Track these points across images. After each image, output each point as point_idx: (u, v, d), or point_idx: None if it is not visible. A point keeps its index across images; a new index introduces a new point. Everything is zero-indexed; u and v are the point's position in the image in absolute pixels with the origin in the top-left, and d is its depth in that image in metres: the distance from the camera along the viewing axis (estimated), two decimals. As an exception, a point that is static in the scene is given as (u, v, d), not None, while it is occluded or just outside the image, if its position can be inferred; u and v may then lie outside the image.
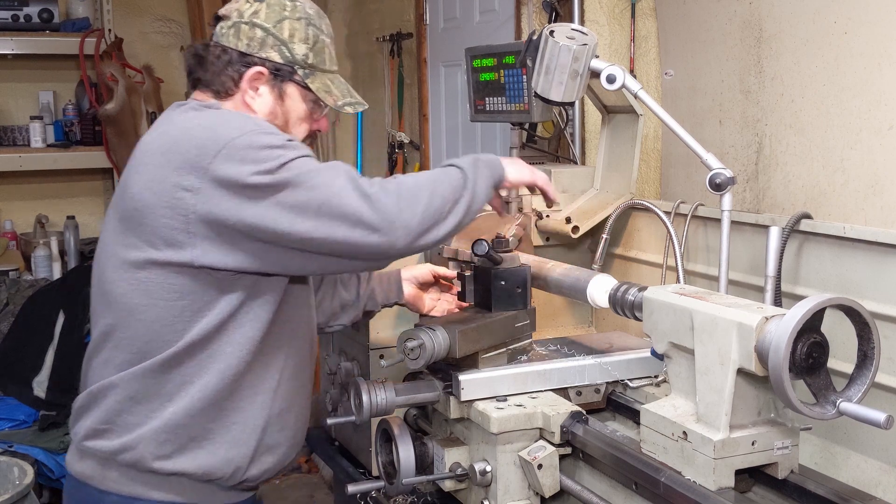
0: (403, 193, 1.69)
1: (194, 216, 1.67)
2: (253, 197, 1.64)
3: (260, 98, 1.87)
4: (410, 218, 1.68)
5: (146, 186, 1.71)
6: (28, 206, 4.70)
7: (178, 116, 1.80)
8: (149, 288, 1.74)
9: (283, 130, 1.84)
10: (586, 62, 2.22)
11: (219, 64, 1.84)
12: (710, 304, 1.67)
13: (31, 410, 3.79)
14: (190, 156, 1.66)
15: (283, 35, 1.86)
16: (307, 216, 1.65)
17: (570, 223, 2.70)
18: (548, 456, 1.89)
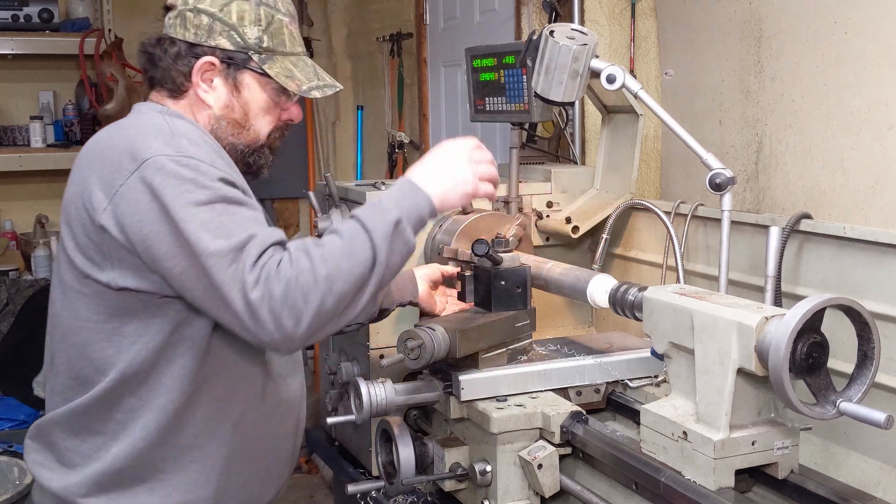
0: (291, 297, 1.47)
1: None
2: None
3: (214, 92, 1.72)
4: (294, 328, 1.49)
5: (70, 197, 1.64)
6: (28, 206, 4.69)
7: (117, 123, 1.71)
8: (76, 307, 1.63)
9: (243, 124, 1.74)
10: (586, 62, 2.22)
11: (167, 58, 1.71)
12: (710, 304, 1.67)
13: (31, 410, 3.78)
14: (105, 172, 1.56)
15: (230, 19, 1.70)
16: (195, 288, 1.52)
17: (570, 223, 2.70)
18: (548, 456, 1.89)
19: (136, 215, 1.51)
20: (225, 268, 1.47)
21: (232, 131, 1.74)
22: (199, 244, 1.47)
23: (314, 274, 1.49)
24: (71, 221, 1.62)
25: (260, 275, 1.47)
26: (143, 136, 1.58)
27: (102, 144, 1.62)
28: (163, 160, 1.52)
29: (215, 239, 1.48)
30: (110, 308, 1.60)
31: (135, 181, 1.51)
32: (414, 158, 4.61)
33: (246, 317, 1.47)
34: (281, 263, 1.49)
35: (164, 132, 1.60)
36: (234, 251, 1.48)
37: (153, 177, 1.51)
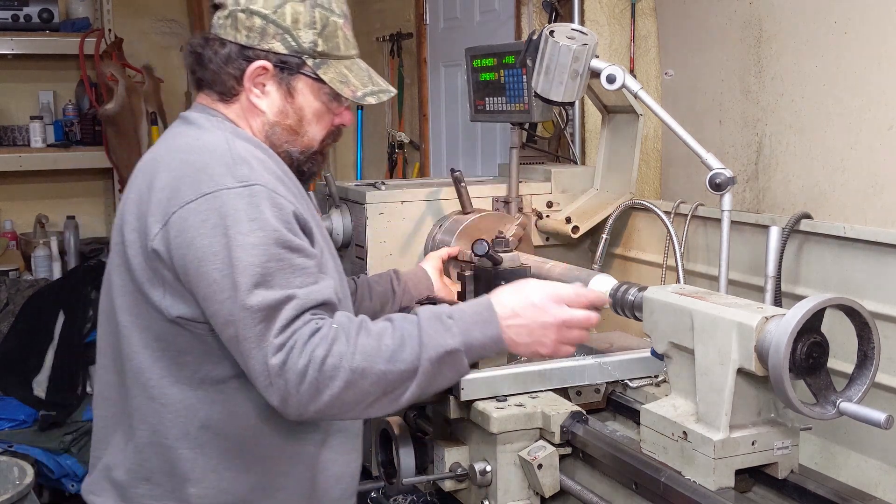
0: (311, 376, 1.42)
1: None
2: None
3: (267, 97, 1.65)
4: (304, 405, 1.44)
5: (128, 210, 1.59)
6: (28, 206, 4.70)
7: (171, 134, 1.66)
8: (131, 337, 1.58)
9: (297, 131, 1.68)
10: (586, 62, 2.22)
11: (218, 60, 1.62)
12: (710, 304, 1.67)
13: (31, 410, 3.79)
14: (162, 196, 1.51)
15: (285, 21, 1.61)
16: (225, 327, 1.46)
17: (570, 223, 2.70)
18: (548, 456, 1.89)
19: (183, 248, 1.46)
20: (253, 325, 1.41)
21: (286, 138, 1.68)
22: (236, 292, 1.42)
23: (348, 362, 1.42)
24: (126, 241, 1.56)
25: (287, 342, 1.42)
26: (204, 162, 1.51)
27: (163, 165, 1.55)
28: (224, 196, 1.46)
29: (254, 289, 1.42)
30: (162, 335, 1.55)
31: (190, 212, 1.46)
32: (414, 158, 4.61)
33: (260, 378, 1.43)
34: (315, 336, 1.43)
35: (226, 158, 1.53)
36: (269, 309, 1.42)
37: (209, 212, 1.45)
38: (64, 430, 3.74)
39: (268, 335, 1.41)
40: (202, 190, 1.47)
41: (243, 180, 1.48)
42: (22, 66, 4.61)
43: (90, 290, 3.96)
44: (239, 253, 1.42)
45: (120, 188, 4.65)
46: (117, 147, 4.46)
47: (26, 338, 3.95)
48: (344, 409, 1.46)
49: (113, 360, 1.63)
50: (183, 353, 1.54)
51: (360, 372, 1.43)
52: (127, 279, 1.55)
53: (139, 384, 1.57)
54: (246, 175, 1.50)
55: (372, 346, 1.45)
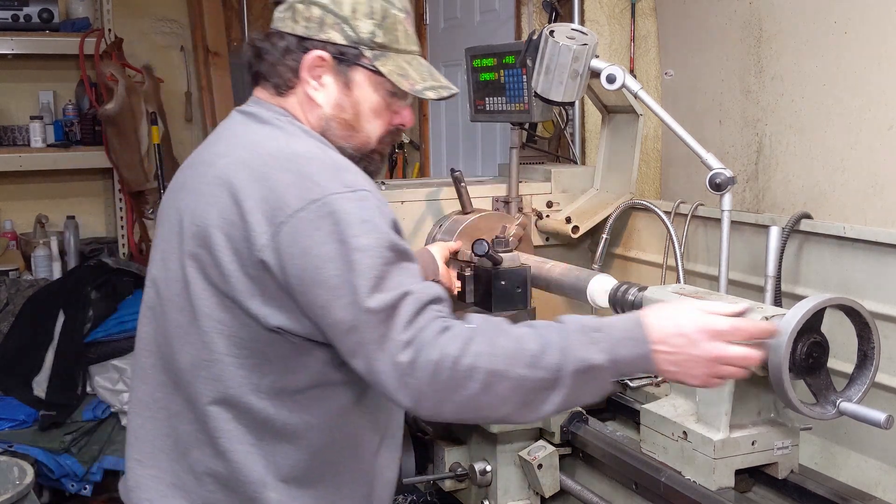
0: (442, 377, 1.36)
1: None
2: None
3: (324, 89, 1.59)
4: (432, 406, 1.39)
5: (205, 216, 1.49)
6: (28, 206, 4.69)
7: (243, 132, 1.58)
8: (213, 340, 1.50)
9: (354, 126, 1.62)
10: (586, 62, 2.22)
11: (275, 52, 1.59)
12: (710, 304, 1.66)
13: (31, 410, 3.78)
14: (265, 206, 1.44)
15: (343, 11, 1.56)
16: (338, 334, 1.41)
17: (570, 223, 2.70)
18: (548, 456, 1.90)
19: (298, 257, 1.41)
20: (376, 325, 1.37)
21: (342, 133, 1.62)
22: (357, 296, 1.38)
23: (485, 363, 1.36)
24: (213, 246, 1.47)
25: (415, 338, 1.37)
26: (306, 169, 1.47)
27: (255, 171, 1.47)
28: (334, 200, 1.42)
29: (373, 293, 1.38)
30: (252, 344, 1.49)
31: (301, 220, 1.41)
32: (414, 158, 4.61)
33: (391, 379, 1.37)
34: (446, 334, 1.38)
35: (328, 164, 1.49)
36: (388, 309, 1.37)
37: (324, 219, 1.41)
38: (64, 430, 3.74)
39: (391, 334, 1.37)
40: (310, 196, 1.42)
41: (350, 186, 1.45)
42: (22, 66, 4.60)
43: (90, 290, 3.96)
44: (356, 256, 1.39)
45: (120, 188, 4.65)
46: (117, 147, 4.46)
47: (26, 338, 3.95)
48: (480, 412, 1.41)
49: (167, 364, 1.56)
50: (268, 362, 1.49)
51: (499, 375, 1.36)
52: (209, 287, 1.48)
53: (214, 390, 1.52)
54: (351, 181, 1.46)
55: (511, 348, 1.38)
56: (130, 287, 4.13)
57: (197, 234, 1.49)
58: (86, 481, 3.75)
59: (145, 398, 1.60)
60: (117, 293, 4.05)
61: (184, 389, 1.53)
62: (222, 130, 1.64)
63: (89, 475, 3.76)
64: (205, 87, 4.81)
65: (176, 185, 1.63)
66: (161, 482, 1.56)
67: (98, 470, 3.77)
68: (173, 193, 1.62)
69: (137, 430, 1.61)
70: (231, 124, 1.63)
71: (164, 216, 1.63)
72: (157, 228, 1.66)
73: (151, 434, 1.58)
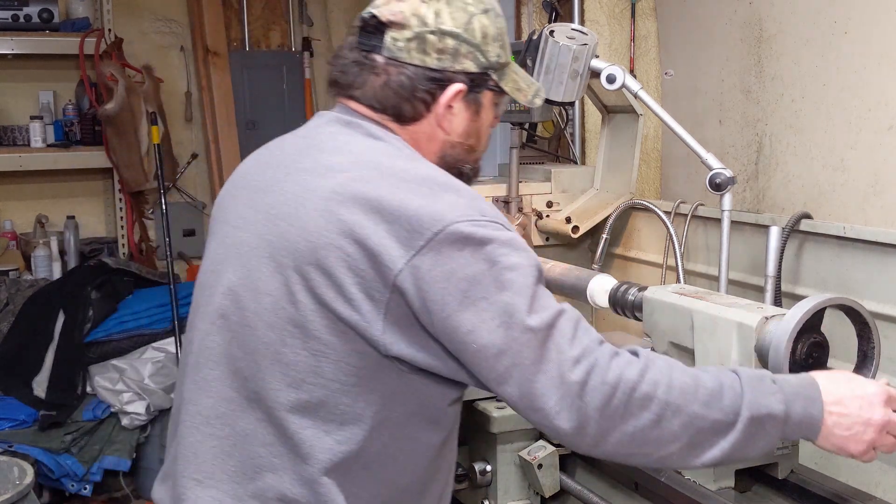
0: (614, 403, 1.28)
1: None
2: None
3: (455, 118, 1.51)
4: (595, 437, 1.30)
5: (321, 234, 1.38)
6: (28, 206, 4.69)
7: (357, 146, 1.46)
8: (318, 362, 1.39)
9: (475, 148, 1.58)
10: (586, 62, 2.22)
11: (403, 91, 1.47)
12: (710, 304, 1.67)
13: (31, 410, 3.78)
14: (396, 230, 1.35)
15: (475, 38, 1.48)
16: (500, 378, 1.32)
17: (570, 223, 2.70)
18: (548, 456, 1.89)
19: (441, 282, 1.32)
20: (535, 346, 1.29)
21: (463, 156, 1.57)
22: (514, 316, 1.30)
23: (663, 394, 1.29)
24: (331, 267, 1.36)
25: (584, 356, 1.30)
26: (440, 194, 1.39)
27: (385, 191, 1.37)
28: (474, 224, 1.34)
29: (532, 312, 1.31)
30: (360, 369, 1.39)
31: (442, 245, 1.33)
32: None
33: (552, 400, 1.28)
34: (620, 357, 1.31)
35: (462, 189, 1.42)
36: (548, 328, 1.30)
37: (465, 242, 1.33)
38: (64, 430, 3.73)
39: (553, 353, 1.29)
40: (449, 219, 1.34)
41: (484, 213, 1.38)
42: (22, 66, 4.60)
43: (90, 290, 3.96)
44: (509, 275, 1.32)
45: (120, 188, 4.64)
46: (117, 147, 4.46)
47: (26, 338, 3.94)
48: (644, 447, 1.31)
49: (241, 379, 1.44)
50: (372, 391, 1.40)
51: (674, 409, 1.29)
52: (320, 308, 1.37)
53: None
54: (485, 209, 1.40)
55: (688, 384, 1.31)
56: (130, 287, 4.13)
57: (310, 251, 1.37)
58: (86, 481, 3.75)
59: (206, 412, 1.47)
60: (117, 293, 4.05)
61: (261, 409, 1.42)
62: (325, 138, 1.50)
63: (89, 475, 3.75)
64: (205, 87, 4.81)
65: (255, 185, 1.51)
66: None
67: (98, 470, 3.77)
68: (254, 194, 1.49)
69: (196, 446, 1.47)
70: (334, 133, 1.50)
71: (239, 217, 1.50)
72: (224, 227, 1.53)
73: (213, 452, 1.45)
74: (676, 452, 1.31)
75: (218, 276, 1.48)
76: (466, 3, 1.48)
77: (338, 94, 1.53)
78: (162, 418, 3.90)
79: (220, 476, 1.44)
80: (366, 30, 1.48)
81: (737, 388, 1.32)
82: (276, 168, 1.49)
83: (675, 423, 1.29)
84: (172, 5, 4.87)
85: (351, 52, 1.50)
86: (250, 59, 4.99)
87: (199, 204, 4.95)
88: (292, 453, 1.39)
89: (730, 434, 1.31)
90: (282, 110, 5.06)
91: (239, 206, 1.50)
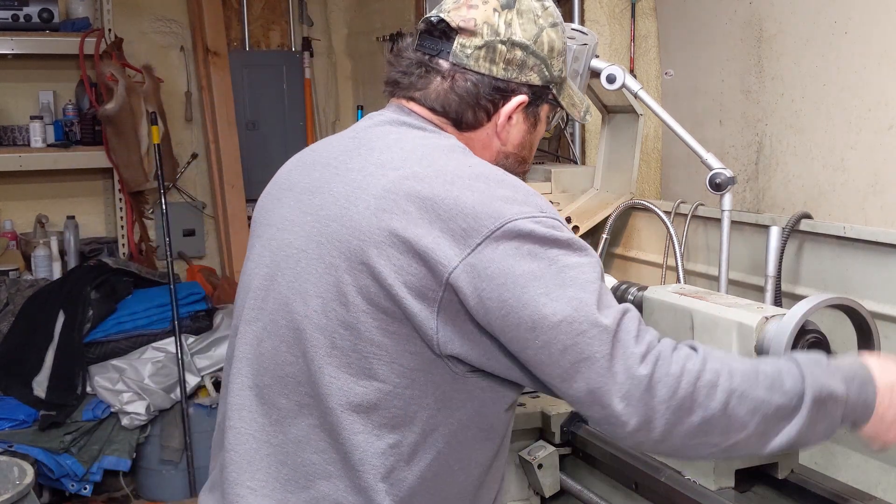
0: (681, 394, 1.26)
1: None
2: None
3: (513, 129, 1.50)
4: (661, 430, 1.27)
5: (370, 232, 1.35)
6: (28, 206, 4.69)
7: (409, 142, 1.44)
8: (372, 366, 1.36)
9: (527, 159, 1.56)
10: (586, 62, 2.22)
11: (468, 98, 1.46)
12: (710, 304, 1.67)
13: (31, 410, 3.78)
14: (452, 227, 1.32)
15: (542, 51, 1.48)
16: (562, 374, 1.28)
17: (571, 223, 2.70)
18: (548, 456, 1.89)
19: (499, 279, 1.29)
20: (604, 342, 1.26)
21: (514, 167, 1.54)
22: (580, 311, 1.27)
23: (726, 381, 1.27)
24: (380, 267, 1.33)
25: (649, 351, 1.28)
26: (497, 190, 1.36)
27: (438, 187, 1.35)
28: (531, 220, 1.32)
29: (601, 308, 1.28)
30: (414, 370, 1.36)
31: (499, 242, 1.30)
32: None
33: (618, 395, 1.25)
34: (681, 349, 1.30)
35: (520, 187, 1.41)
36: (616, 323, 1.28)
37: (524, 239, 1.30)
38: (64, 430, 3.74)
39: (622, 348, 1.27)
40: (506, 216, 1.32)
41: (543, 209, 1.36)
42: (22, 66, 4.60)
43: (90, 290, 3.96)
44: (571, 273, 1.30)
45: (120, 188, 4.65)
46: (117, 147, 4.46)
47: (26, 338, 3.95)
48: (712, 437, 1.29)
49: (291, 384, 1.42)
50: (426, 395, 1.37)
51: (739, 395, 1.27)
52: (371, 308, 1.34)
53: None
54: (543, 205, 1.38)
55: (748, 370, 1.30)
56: (130, 287, 4.13)
57: (361, 251, 1.34)
58: (86, 481, 3.75)
59: (258, 419, 1.45)
60: (117, 293, 4.06)
61: (313, 415, 1.39)
62: (375, 137, 1.47)
63: (89, 475, 3.76)
64: (205, 86, 4.81)
65: (302, 187, 1.48)
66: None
67: (98, 470, 3.77)
68: (300, 196, 1.47)
69: (251, 454, 1.44)
70: (386, 132, 1.47)
71: (285, 219, 1.47)
72: (269, 230, 1.50)
73: (267, 461, 1.43)
74: (744, 440, 1.29)
75: (264, 280, 1.46)
76: (537, 16, 1.47)
77: (396, 93, 1.51)
78: (161, 418, 3.90)
79: (274, 485, 1.41)
80: (431, 33, 1.46)
81: (795, 372, 1.31)
82: (324, 168, 1.46)
83: (742, 409, 1.28)
84: (172, 5, 4.87)
85: (414, 53, 1.48)
86: (250, 59, 4.99)
87: (199, 204, 4.95)
88: (345, 460, 1.37)
89: (795, 418, 1.30)
90: (282, 110, 5.07)
91: (283, 209, 1.48)
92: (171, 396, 3.89)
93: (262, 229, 1.52)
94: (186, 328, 4.03)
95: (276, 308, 1.42)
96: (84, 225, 4.72)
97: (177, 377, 3.90)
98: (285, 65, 5.08)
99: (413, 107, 1.48)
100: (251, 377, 1.45)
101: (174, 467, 3.96)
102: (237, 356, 1.48)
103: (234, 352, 1.49)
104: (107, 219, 4.87)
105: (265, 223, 1.51)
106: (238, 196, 4.75)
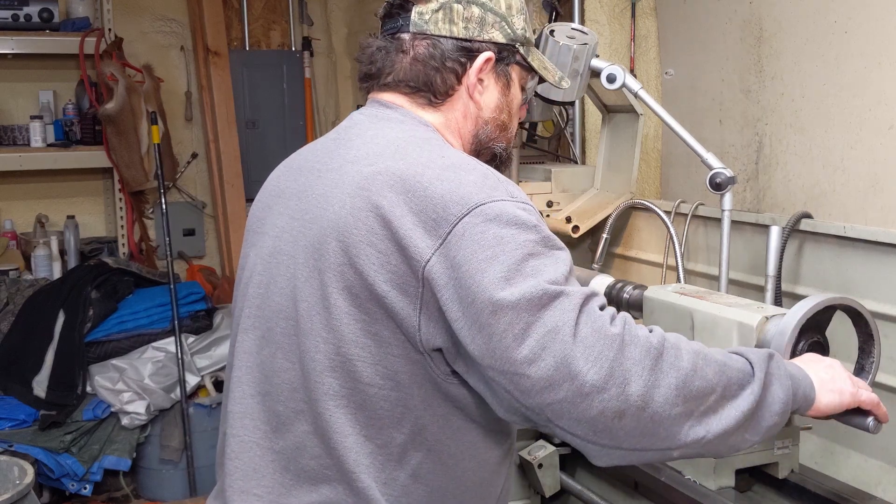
0: (642, 363, 1.25)
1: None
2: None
3: (486, 92, 1.50)
4: (654, 385, 1.25)
5: (346, 227, 1.35)
6: (28, 206, 4.69)
7: (384, 137, 1.45)
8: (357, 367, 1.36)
9: (507, 126, 1.56)
10: (586, 61, 2.22)
11: (433, 62, 1.46)
12: (710, 304, 1.67)
13: (31, 410, 3.78)
14: (422, 218, 1.32)
15: (501, 8, 1.49)
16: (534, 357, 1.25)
17: (570, 223, 2.70)
18: (548, 456, 1.90)
19: (465, 265, 1.27)
20: (572, 308, 1.26)
21: (495, 135, 1.54)
22: (543, 287, 1.26)
23: (685, 344, 1.30)
24: (362, 264, 1.33)
25: (615, 317, 1.29)
26: (466, 177, 1.35)
27: (409, 181, 1.35)
28: (500, 204, 1.32)
29: (565, 283, 1.30)
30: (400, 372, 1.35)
31: (465, 227, 1.29)
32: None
33: (587, 359, 1.23)
34: (638, 328, 1.29)
35: (490, 175, 1.39)
36: (583, 298, 1.29)
37: (491, 221, 1.29)
38: (64, 430, 3.74)
39: (590, 311, 1.27)
40: (475, 201, 1.31)
41: (513, 195, 1.36)
42: (22, 65, 4.60)
43: (90, 289, 3.96)
44: (536, 261, 1.30)
45: (120, 188, 4.65)
46: (117, 147, 4.46)
47: (26, 337, 3.95)
48: (690, 400, 1.26)
49: (287, 391, 1.42)
50: (411, 396, 1.37)
51: (703, 357, 1.29)
52: (354, 309, 1.34)
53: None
54: (514, 192, 1.37)
55: (695, 343, 1.34)
56: (130, 286, 4.13)
57: (342, 251, 1.34)
58: (86, 481, 3.75)
59: (259, 427, 1.46)
60: (117, 293, 4.06)
61: (307, 421, 1.39)
62: (353, 135, 1.49)
63: (89, 475, 3.76)
64: (205, 86, 4.81)
65: (289, 193, 1.48)
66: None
67: (98, 469, 3.77)
68: (288, 201, 1.47)
69: (257, 461, 1.44)
70: (363, 129, 1.50)
71: (274, 226, 1.48)
72: (261, 238, 1.50)
73: (272, 467, 1.43)
74: (720, 403, 1.29)
75: (259, 289, 1.47)
76: None
77: (370, 87, 1.53)
78: (162, 418, 3.90)
79: (280, 490, 1.42)
80: (390, 15, 1.49)
81: (736, 355, 1.34)
82: (309, 172, 1.47)
83: (709, 370, 1.28)
84: (172, 5, 4.87)
85: (375, 40, 1.51)
86: (250, 59, 4.99)
87: (199, 203, 4.95)
88: (340, 464, 1.37)
89: (752, 383, 1.31)
90: (282, 110, 5.06)
91: (274, 216, 1.48)
92: (172, 396, 3.89)
93: (255, 237, 1.52)
94: (186, 328, 4.03)
95: (271, 316, 1.43)
96: (84, 225, 4.72)
97: (177, 377, 3.90)
98: (285, 64, 5.07)
99: (388, 97, 1.50)
100: (253, 385, 1.45)
101: (174, 467, 3.96)
102: (237, 365, 1.48)
103: (234, 360, 1.50)
104: (107, 218, 4.87)
105: (258, 231, 1.52)
106: (238, 195, 4.75)
